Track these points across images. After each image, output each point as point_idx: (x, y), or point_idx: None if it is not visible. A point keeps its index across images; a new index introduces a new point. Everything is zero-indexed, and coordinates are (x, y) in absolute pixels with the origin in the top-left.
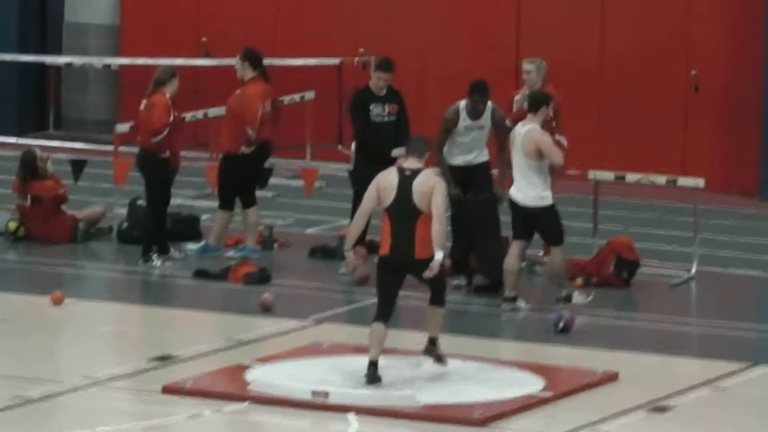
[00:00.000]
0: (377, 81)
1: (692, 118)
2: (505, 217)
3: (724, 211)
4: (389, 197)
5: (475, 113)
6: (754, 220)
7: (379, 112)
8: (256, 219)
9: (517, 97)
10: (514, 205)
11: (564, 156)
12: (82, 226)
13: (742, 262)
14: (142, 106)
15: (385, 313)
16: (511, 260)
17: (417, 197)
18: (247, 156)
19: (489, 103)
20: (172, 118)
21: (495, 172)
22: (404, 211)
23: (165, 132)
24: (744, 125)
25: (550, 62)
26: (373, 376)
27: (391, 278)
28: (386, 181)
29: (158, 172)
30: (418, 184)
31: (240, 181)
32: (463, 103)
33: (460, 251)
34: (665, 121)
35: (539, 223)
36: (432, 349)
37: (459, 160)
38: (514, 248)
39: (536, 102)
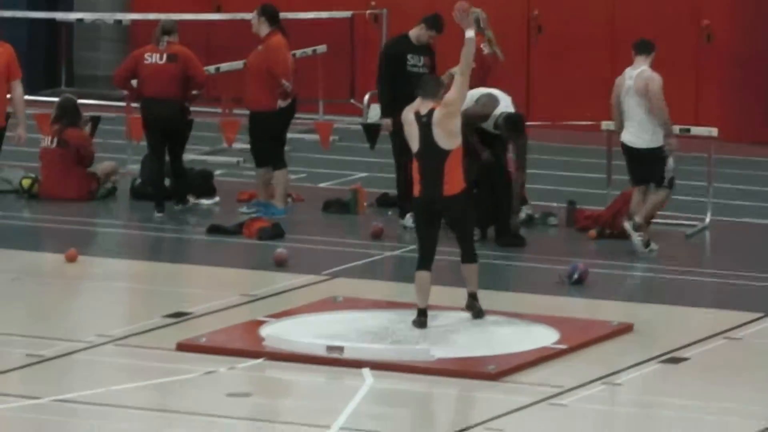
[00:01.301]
0: (426, 38)
1: (704, 68)
2: None
3: (737, 161)
4: (414, 142)
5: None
6: None
7: (415, 62)
8: (287, 180)
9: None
10: (629, 150)
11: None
12: (107, 185)
13: (756, 211)
14: (151, 59)
15: (426, 259)
16: (635, 208)
17: (438, 137)
18: (283, 110)
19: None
20: None
21: None
22: (431, 154)
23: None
24: (756, 74)
25: (561, 12)
26: (421, 323)
27: (426, 222)
28: (409, 124)
29: (187, 124)
30: (436, 122)
31: (278, 136)
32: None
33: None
34: (677, 71)
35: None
36: (473, 304)
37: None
38: (636, 195)
39: (645, 45)
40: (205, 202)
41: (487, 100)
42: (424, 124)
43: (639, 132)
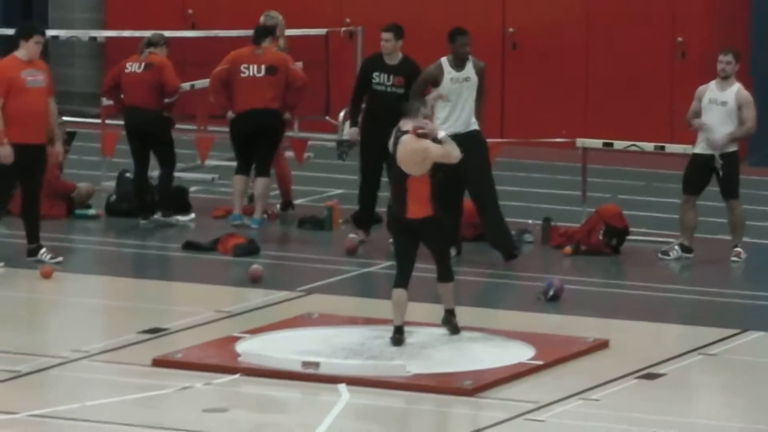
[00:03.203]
0: (383, 43)
1: (679, 85)
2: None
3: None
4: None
5: (459, 61)
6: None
7: (381, 80)
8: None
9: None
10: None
11: None
12: (90, 212)
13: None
14: (131, 68)
15: (403, 277)
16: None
17: (401, 161)
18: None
19: (470, 56)
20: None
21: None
22: (396, 172)
23: (178, 93)
24: None
25: (536, 29)
26: (397, 340)
27: (402, 239)
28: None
29: (166, 132)
30: (401, 147)
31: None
32: (444, 58)
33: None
34: (652, 88)
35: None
36: (449, 320)
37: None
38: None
39: None
40: (180, 218)
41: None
42: (397, 139)
43: None
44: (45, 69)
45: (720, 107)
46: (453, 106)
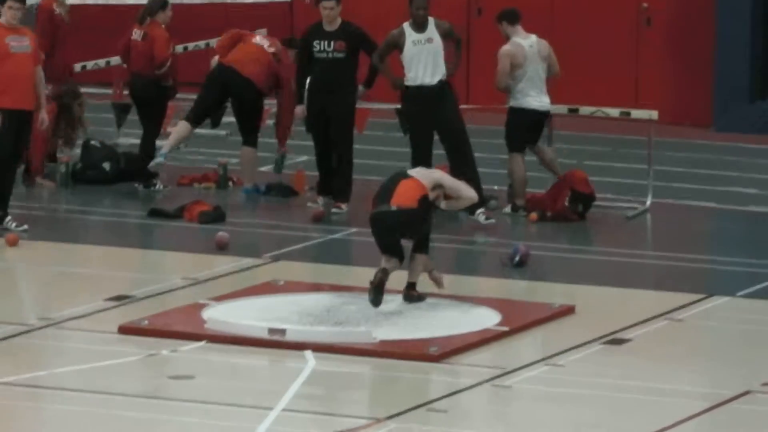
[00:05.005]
0: (326, 12)
1: (644, 51)
2: None
3: (677, 143)
4: None
5: (418, 24)
6: (708, 152)
7: (323, 47)
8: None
9: None
10: (536, 114)
11: None
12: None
13: (697, 194)
14: (135, 36)
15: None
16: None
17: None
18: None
19: (431, 18)
20: (172, 49)
21: None
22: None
23: (168, 64)
24: (696, 57)
25: None
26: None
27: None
28: None
29: (160, 100)
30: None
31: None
32: (407, 23)
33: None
34: (617, 54)
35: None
36: (411, 295)
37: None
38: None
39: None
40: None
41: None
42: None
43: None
44: (31, 36)
45: None
46: (417, 68)
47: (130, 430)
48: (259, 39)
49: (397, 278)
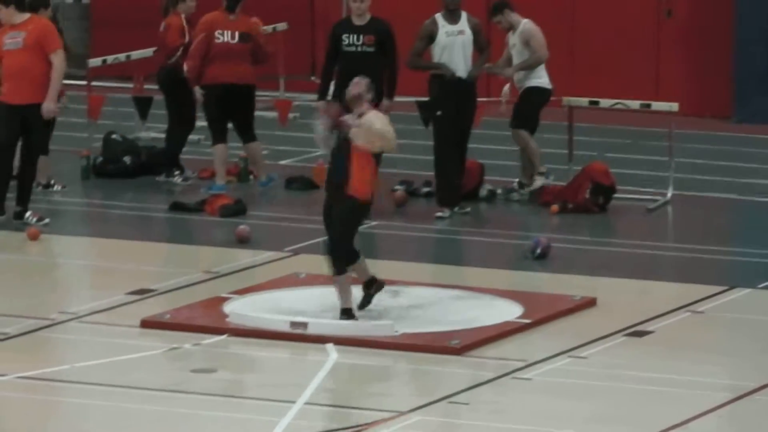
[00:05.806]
0: (356, 5)
1: (665, 43)
2: None
3: (698, 135)
4: None
5: (451, 15)
6: (729, 143)
7: (351, 41)
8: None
9: None
10: (550, 93)
11: None
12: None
13: (718, 185)
14: (161, 27)
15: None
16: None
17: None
18: None
19: (463, 12)
20: (187, 39)
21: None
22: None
23: (179, 53)
24: (716, 48)
25: None
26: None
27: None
28: None
29: (177, 90)
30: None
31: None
32: (438, 14)
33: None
34: (638, 46)
35: None
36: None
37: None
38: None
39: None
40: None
41: None
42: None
43: None
44: (30, 30)
45: None
46: (450, 58)
47: (152, 424)
48: (223, 34)
49: (414, 271)
